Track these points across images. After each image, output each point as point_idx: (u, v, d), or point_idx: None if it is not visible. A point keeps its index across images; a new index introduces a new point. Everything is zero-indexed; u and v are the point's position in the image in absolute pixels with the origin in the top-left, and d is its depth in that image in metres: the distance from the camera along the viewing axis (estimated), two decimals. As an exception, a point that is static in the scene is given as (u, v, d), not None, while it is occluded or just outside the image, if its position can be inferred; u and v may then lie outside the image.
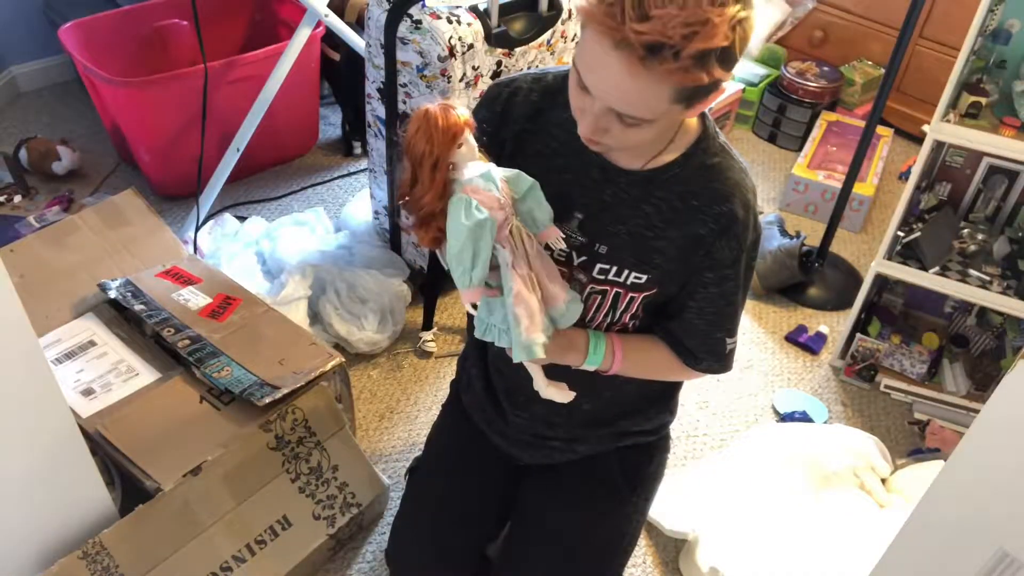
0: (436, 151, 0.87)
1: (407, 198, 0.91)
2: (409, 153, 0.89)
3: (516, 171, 0.92)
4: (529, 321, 0.91)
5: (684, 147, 0.97)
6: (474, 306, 0.93)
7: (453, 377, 1.33)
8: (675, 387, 1.22)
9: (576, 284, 1.01)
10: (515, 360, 0.92)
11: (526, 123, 1.01)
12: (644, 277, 1.00)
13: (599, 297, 1.02)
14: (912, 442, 1.71)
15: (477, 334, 0.95)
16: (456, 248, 0.88)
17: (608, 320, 1.04)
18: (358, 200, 2.12)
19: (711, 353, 1.06)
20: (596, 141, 0.89)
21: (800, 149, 2.48)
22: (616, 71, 0.78)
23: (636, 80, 0.78)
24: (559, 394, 1.00)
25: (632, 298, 1.02)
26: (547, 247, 0.97)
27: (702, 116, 0.98)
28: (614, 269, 1.00)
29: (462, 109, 0.90)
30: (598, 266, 1.00)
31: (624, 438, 1.19)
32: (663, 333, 1.07)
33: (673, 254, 0.99)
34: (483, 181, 0.88)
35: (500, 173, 0.91)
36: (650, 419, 1.19)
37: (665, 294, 1.03)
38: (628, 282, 1.01)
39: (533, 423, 1.16)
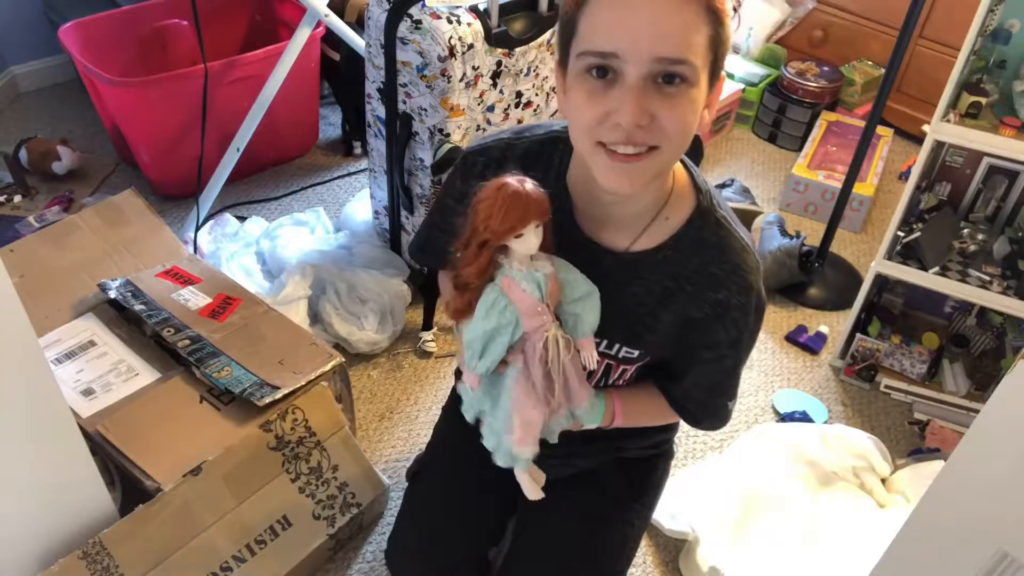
0: (489, 234, 0.80)
1: (456, 255, 0.86)
2: (471, 218, 0.82)
3: (578, 275, 0.86)
4: (523, 432, 0.87)
5: (676, 226, 0.90)
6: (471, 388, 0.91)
7: (454, 382, 1.32)
8: None
9: None
10: (497, 463, 0.91)
11: None
12: (636, 352, 0.98)
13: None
14: (912, 442, 1.71)
15: (464, 409, 0.94)
16: (471, 336, 0.85)
17: (601, 385, 1.03)
18: (358, 200, 2.12)
19: (711, 417, 1.05)
20: (640, 141, 0.78)
21: (800, 149, 2.48)
22: (650, 3, 0.74)
23: (672, 5, 0.74)
24: (531, 489, 0.97)
25: (624, 369, 1.00)
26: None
27: (696, 189, 0.92)
28: (604, 343, 0.97)
29: (538, 188, 0.81)
30: None
31: (624, 452, 1.19)
32: (662, 391, 1.05)
33: (665, 332, 0.95)
34: (526, 281, 0.82)
35: (559, 272, 0.85)
36: (650, 437, 1.19)
37: (659, 361, 1.00)
38: (620, 355, 0.98)
39: None
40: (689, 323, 0.93)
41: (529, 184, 0.81)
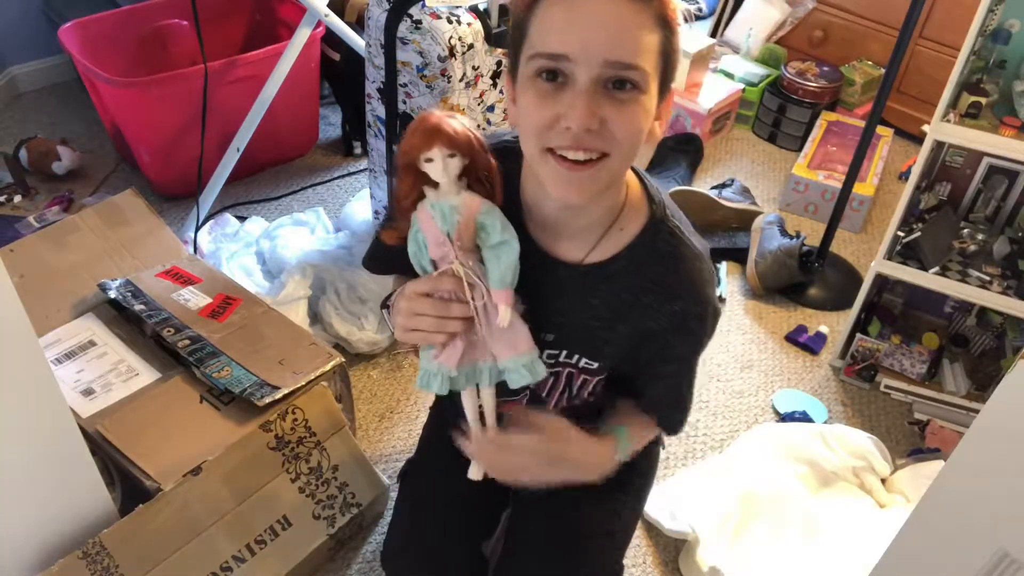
0: (402, 153, 0.84)
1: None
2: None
3: (497, 223, 0.87)
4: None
5: (631, 236, 0.90)
6: None
7: None
8: None
9: None
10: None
11: None
12: (595, 364, 0.98)
13: (552, 378, 1.00)
14: (912, 442, 1.71)
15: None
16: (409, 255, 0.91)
17: (567, 397, 1.03)
18: (358, 200, 2.12)
19: (667, 425, 1.06)
20: (590, 147, 0.78)
21: (800, 149, 2.48)
22: (601, 7, 0.75)
23: (622, 7, 0.75)
24: (473, 467, 0.99)
25: (586, 380, 1.00)
26: None
27: (649, 197, 0.92)
28: (563, 353, 0.97)
29: (462, 127, 0.83)
30: (546, 351, 0.97)
31: None
32: (631, 397, 1.06)
33: (624, 345, 0.95)
34: (432, 209, 0.86)
35: (481, 215, 0.86)
36: None
37: (621, 373, 1.01)
38: (580, 365, 0.98)
39: None
40: (647, 335, 0.93)
41: (449, 118, 0.83)
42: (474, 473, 1.00)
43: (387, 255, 1.01)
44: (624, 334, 0.94)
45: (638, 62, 0.76)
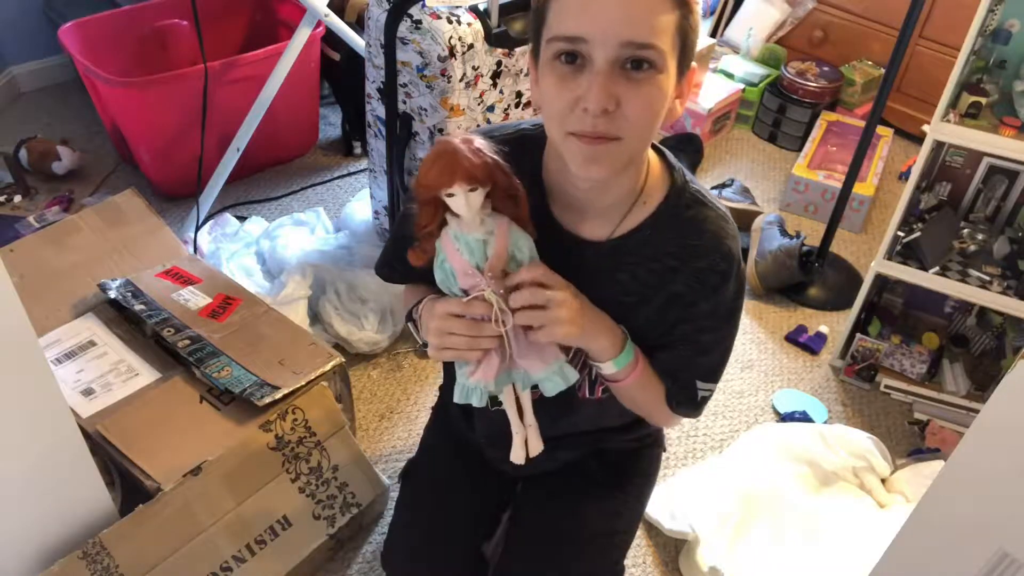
0: (418, 186, 0.83)
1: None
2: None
3: (526, 251, 0.87)
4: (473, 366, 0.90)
5: (654, 206, 0.92)
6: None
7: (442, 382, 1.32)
8: None
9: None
10: (456, 399, 0.91)
11: None
12: None
13: (581, 365, 0.99)
14: (912, 442, 1.71)
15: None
16: (437, 281, 0.91)
17: (591, 378, 1.02)
18: (358, 200, 2.12)
19: (682, 399, 1.02)
20: (604, 133, 0.79)
21: (800, 149, 2.48)
22: None
23: None
24: (516, 450, 0.97)
25: None
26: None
27: (670, 168, 0.93)
28: None
29: (479, 158, 0.81)
30: None
31: (605, 443, 1.18)
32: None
33: (650, 314, 0.95)
34: (457, 242, 0.85)
35: (513, 242, 0.86)
36: (631, 431, 1.18)
37: (644, 348, 1.00)
38: None
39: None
40: (674, 299, 0.94)
41: (468, 147, 0.81)
42: (517, 456, 0.99)
43: (401, 265, 1.00)
44: (652, 300, 0.94)
45: (654, 41, 0.77)
